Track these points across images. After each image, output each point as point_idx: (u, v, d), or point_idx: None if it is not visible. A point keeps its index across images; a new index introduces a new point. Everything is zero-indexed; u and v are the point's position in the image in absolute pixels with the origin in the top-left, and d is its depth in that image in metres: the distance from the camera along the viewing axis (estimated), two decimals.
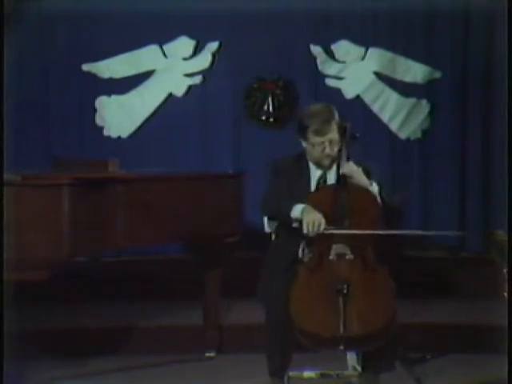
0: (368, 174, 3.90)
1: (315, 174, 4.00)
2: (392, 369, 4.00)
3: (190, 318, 4.97)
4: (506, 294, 3.84)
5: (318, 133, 3.88)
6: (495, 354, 4.03)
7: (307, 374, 3.92)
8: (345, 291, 3.62)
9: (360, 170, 3.86)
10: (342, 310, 3.60)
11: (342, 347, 3.60)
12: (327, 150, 3.90)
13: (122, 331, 4.95)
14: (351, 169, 3.85)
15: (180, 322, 5.05)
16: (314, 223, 3.72)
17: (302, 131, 3.94)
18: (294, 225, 3.83)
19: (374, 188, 3.88)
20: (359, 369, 3.90)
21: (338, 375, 3.93)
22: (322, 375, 3.93)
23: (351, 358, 3.94)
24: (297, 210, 3.81)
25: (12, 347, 3.68)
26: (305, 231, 3.74)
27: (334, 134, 3.89)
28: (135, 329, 4.98)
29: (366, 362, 3.87)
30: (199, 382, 4.49)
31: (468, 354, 4.71)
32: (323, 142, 3.90)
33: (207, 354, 4.80)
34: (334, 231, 3.75)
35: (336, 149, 3.91)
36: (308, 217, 3.74)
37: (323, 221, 3.74)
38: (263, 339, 3.95)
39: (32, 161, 5.81)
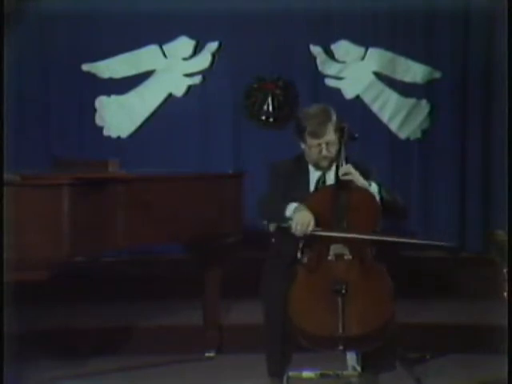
0: (367, 175, 3.90)
1: (314, 175, 3.99)
2: (392, 369, 3.99)
3: (190, 318, 4.97)
4: (506, 294, 3.83)
5: (315, 135, 3.88)
6: (495, 354, 4.03)
7: (307, 374, 3.91)
8: (343, 291, 3.61)
9: (357, 173, 3.85)
10: (341, 311, 3.59)
11: (341, 347, 3.59)
12: (324, 152, 3.89)
13: (121, 331, 4.95)
14: (349, 171, 3.83)
15: (180, 321, 5.05)
16: (302, 223, 3.73)
17: (300, 133, 3.94)
18: (286, 225, 3.81)
19: (374, 188, 3.87)
20: (359, 369, 3.89)
21: (337, 375, 3.92)
22: (322, 375, 3.92)
23: (351, 358, 3.94)
24: (289, 209, 3.81)
25: (12, 347, 3.68)
26: (293, 230, 3.75)
27: (330, 136, 3.88)
28: (135, 329, 4.98)
29: (365, 362, 3.86)
30: (199, 382, 4.49)
31: (468, 354, 4.71)
32: (320, 144, 3.89)
33: (207, 354, 4.80)
34: (322, 233, 3.76)
35: (333, 150, 3.90)
36: (297, 216, 3.75)
37: (312, 222, 3.74)
38: (262, 339, 3.95)
39: (32, 161, 5.81)
